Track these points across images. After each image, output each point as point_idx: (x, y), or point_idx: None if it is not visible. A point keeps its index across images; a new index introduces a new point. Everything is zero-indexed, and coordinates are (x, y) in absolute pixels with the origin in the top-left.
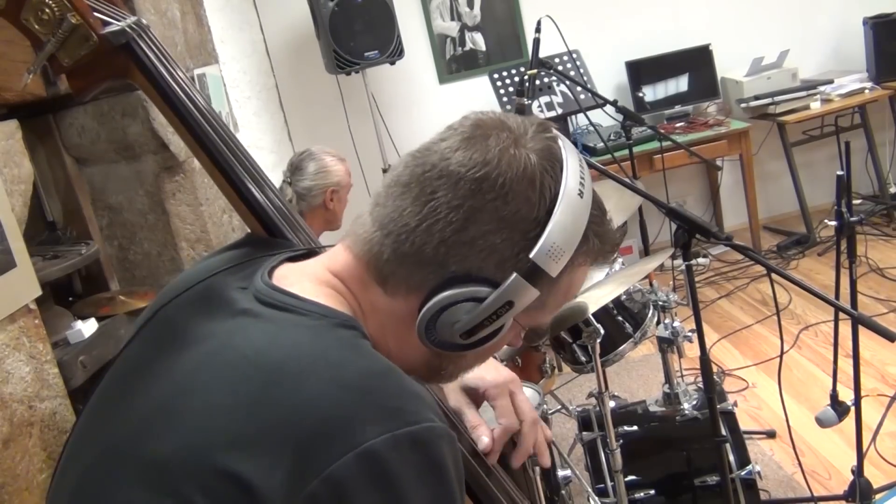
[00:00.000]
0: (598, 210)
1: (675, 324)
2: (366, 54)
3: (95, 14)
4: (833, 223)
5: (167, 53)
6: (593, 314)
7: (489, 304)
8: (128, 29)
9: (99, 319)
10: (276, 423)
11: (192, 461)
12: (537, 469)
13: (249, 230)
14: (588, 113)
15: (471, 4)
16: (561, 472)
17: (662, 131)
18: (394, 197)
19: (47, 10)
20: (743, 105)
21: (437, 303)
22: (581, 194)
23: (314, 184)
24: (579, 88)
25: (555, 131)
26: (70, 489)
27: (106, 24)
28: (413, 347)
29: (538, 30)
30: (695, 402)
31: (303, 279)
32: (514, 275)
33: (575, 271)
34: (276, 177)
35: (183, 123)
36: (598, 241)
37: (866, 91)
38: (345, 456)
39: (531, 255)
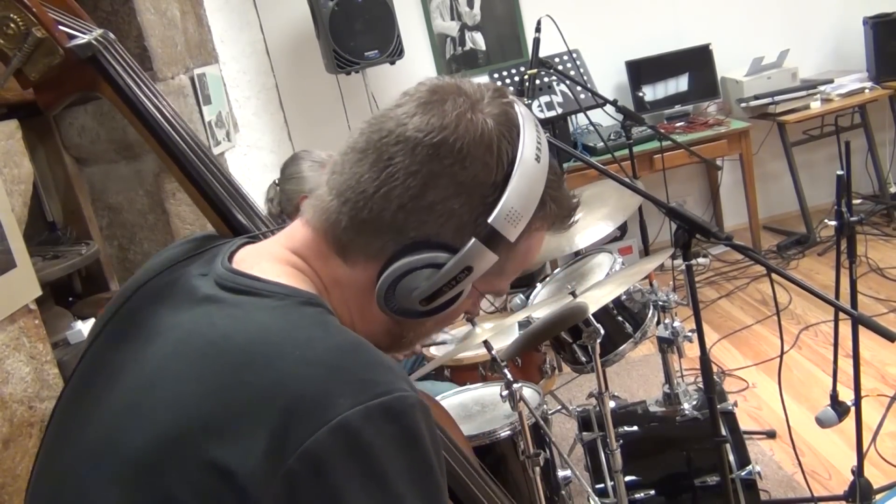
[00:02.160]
0: (554, 175)
1: (675, 324)
2: (366, 54)
3: (61, 28)
4: (833, 223)
5: (135, 65)
6: (593, 314)
7: (448, 269)
8: (94, 42)
9: None
10: (247, 406)
11: (167, 454)
12: (537, 469)
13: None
14: (588, 112)
15: (471, 4)
16: (561, 473)
17: (662, 131)
18: (350, 164)
19: (12, 25)
20: (743, 105)
21: (396, 270)
22: (538, 159)
23: (289, 188)
24: (579, 88)
25: (511, 96)
26: (47, 495)
27: (72, 37)
28: (375, 317)
29: (538, 29)
30: (695, 402)
31: (261, 260)
32: (473, 240)
33: (532, 236)
34: (275, 177)
35: (152, 134)
36: (556, 206)
37: (866, 91)
38: (319, 430)
39: (490, 220)
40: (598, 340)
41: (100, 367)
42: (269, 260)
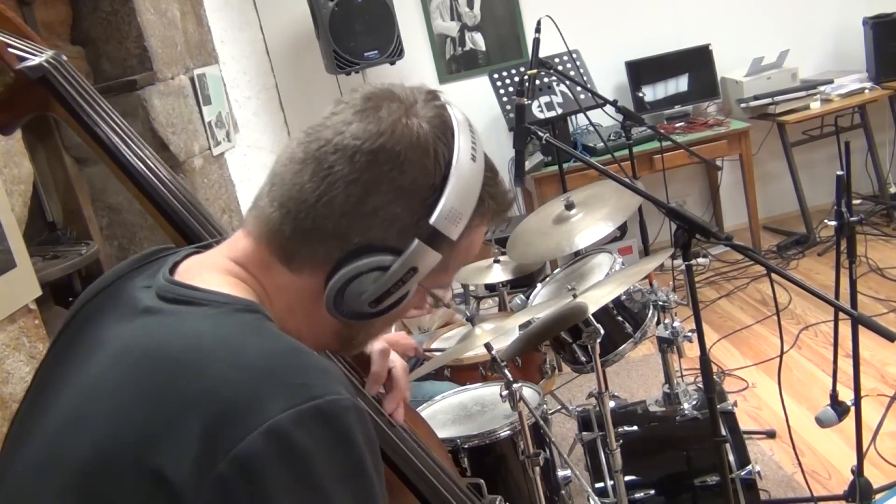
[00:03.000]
0: (490, 172)
1: (675, 324)
2: (366, 54)
3: (10, 50)
4: (833, 223)
5: (88, 87)
6: (593, 314)
7: (394, 271)
8: (45, 63)
9: None
10: (181, 413)
11: (106, 464)
12: (537, 469)
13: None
14: (588, 113)
15: (471, 4)
16: (561, 472)
17: (662, 131)
18: (290, 174)
19: None
20: (743, 105)
21: (343, 275)
22: (474, 158)
23: None
24: (579, 88)
25: (443, 98)
26: None
27: (22, 59)
28: (323, 321)
29: (538, 30)
30: (695, 402)
31: (203, 271)
32: (417, 241)
33: (473, 232)
34: None
35: (105, 151)
36: (494, 202)
37: (866, 91)
38: (249, 435)
39: (431, 221)
40: (598, 340)
41: (48, 379)
42: (210, 270)
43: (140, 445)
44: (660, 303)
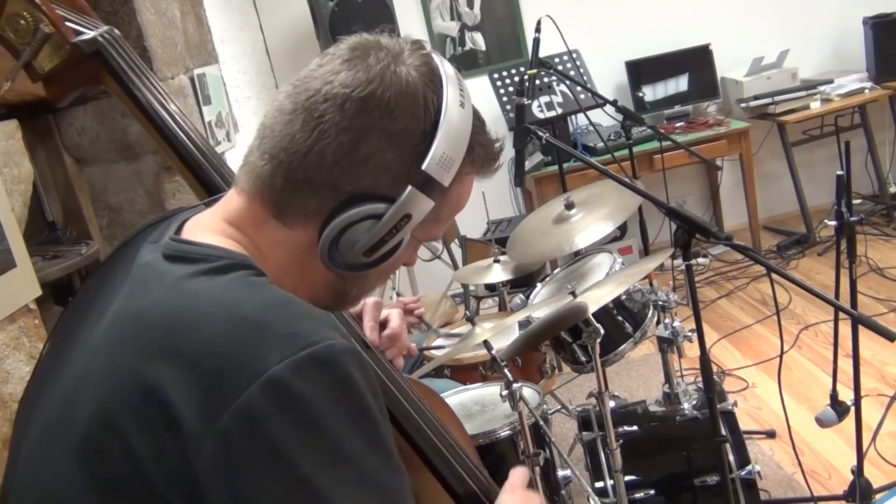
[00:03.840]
0: (479, 121)
1: (675, 324)
2: None
3: (67, 24)
4: (833, 223)
5: (138, 61)
6: (593, 314)
7: (388, 218)
8: (99, 38)
9: None
10: (180, 371)
11: (108, 420)
12: (537, 469)
13: None
14: (588, 113)
15: (471, 4)
16: (561, 472)
17: (662, 131)
18: (281, 125)
19: (22, 21)
20: (743, 105)
21: (337, 224)
22: (462, 105)
23: None
24: (579, 88)
25: (429, 48)
26: (16, 473)
27: (78, 33)
28: (317, 275)
29: (538, 30)
30: (695, 402)
31: (197, 231)
32: (410, 187)
33: (463, 181)
34: None
35: (154, 126)
36: (482, 150)
37: (866, 91)
38: (249, 388)
39: (423, 167)
40: (598, 340)
41: (64, 340)
42: (204, 231)
43: (141, 406)
44: (660, 303)
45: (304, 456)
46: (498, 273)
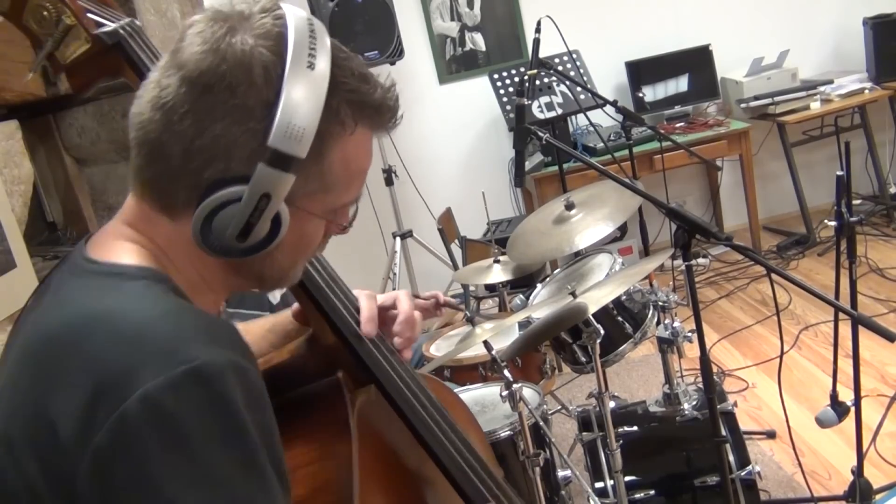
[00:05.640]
0: (348, 77)
1: (675, 324)
2: (366, 54)
3: (89, 15)
4: (833, 223)
5: (159, 54)
6: (593, 314)
7: (245, 202)
8: (120, 30)
9: None
10: (65, 389)
11: (5, 443)
12: (537, 469)
13: None
14: (588, 113)
15: (471, 4)
16: (561, 473)
17: (662, 131)
18: (136, 115)
19: (45, 12)
20: (743, 105)
21: (200, 215)
22: (311, 66)
23: None
24: (579, 88)
25: (284, 9)
26: None
27: (99, 24)
28: (217, 265)
29: (538, 30)
30: (695, 403)
31: (100, 241)
32: (259, 165)
33: (344, 143)
34: None
35: None
36: (352, 108)
37: (866, 91)
38: (122, 405)
39: (269, 142)
40: (598, 341)
41: (3, 354)
42: (107, 238)
43: (34, 427)
44: (660, 303)
45: (172, 477)
46: (498, 273)
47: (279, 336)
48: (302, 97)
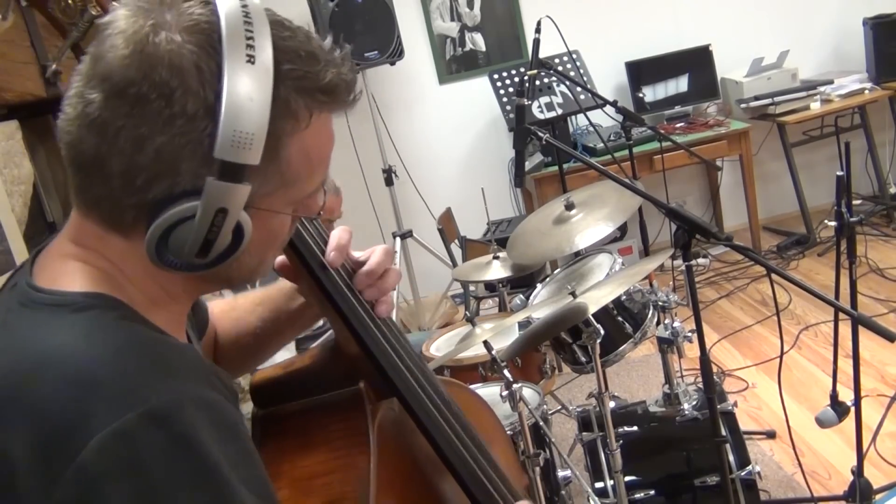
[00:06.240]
0: (295, 61)
1: (675, 324)
2: (366, 54)
3: (114, 3)
4: (833, 223)
5: None
6: (593, 315)
7: (200, 219)
8: None
9: None
10: (19, 434)
11: None
12: (537, 469)
13: None
14: (588, 113)
15: (471, 5)
16: (561, 473)
17: (662, 132)
18: (68, 133)
19: (71, 1)
20: (743, 105)
21: (152, 236)
22: (251, 59)
23: None
24: (579, 89)
25: None
26: None
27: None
28: (180, 276)
29: (538, 30)
30: (695, 403)
31: (47, 262)
32: (209, 180)
33: (296, 137)
34: None
35: None
36: (303, 97)
37: (866, 91)
38: (78, 456)
39: (215, 154)
40: (598, 341)
41: None
42: (52, 259)
43: None
44: (660, 303)
45: None
46: (497, 270)
47: (268, 310)
48: (245, 97)
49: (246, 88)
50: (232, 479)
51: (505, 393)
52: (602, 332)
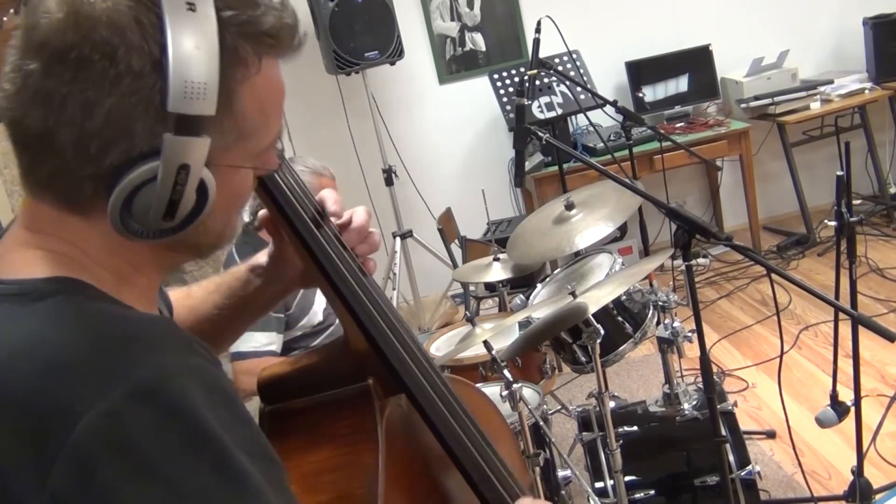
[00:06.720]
0: (235, 8)
1: (675, 324)
2: (366, 54)
3: None
4: (833, 223)
5: None
6: (593, 314)
7: (162, 179)
8: None
9: None
10: (0, 430)
11: None
12: (537, 469)
13: None
14: (588, 113)
15: (471, 4)
16: (561, 473)
17: (662, 131)
18: (10, 107)
19: None
20: (743, 105)
21: (115, 205)
22: (192, 6)
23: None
24: (579, 89)
25: None
26: None
27: None
28: (146, 248)
29: (538, 30)
30: (695, 403)
31: (2, 254)
32: (167, 136)
33: (248, 84)
34: None
35: None
36: (251, 42)
37: (866, 91)
38: (72, 436)
39: (168, 108)
40: (598, 340)
41: None
42: (10, 250)
43: None
44: (660, 303)
45: (140, 503)
46: (497, 271)
47: (223, 296)
48: (191, 46)
49: (191, 38)
50: (228, 442)
51: (505, 393)
52: (602, 332)
